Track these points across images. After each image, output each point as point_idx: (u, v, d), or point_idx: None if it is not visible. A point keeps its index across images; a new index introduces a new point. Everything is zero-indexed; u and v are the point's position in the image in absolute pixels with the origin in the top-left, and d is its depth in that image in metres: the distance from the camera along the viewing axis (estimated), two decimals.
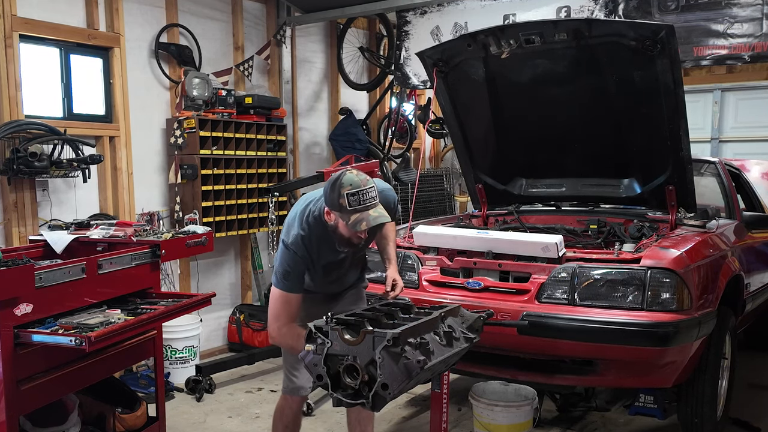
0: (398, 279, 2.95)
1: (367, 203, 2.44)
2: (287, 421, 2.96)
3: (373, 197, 2.47)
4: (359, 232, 2.48)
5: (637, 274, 2.99)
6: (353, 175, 2.47)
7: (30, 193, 4.09)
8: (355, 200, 2.43)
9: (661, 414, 3.40)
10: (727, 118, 7.45)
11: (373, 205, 2.47)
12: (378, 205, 2.49)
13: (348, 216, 2.45)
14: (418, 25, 5.45)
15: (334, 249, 2.68)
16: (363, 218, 2.44)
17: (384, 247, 3.02)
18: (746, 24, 4.13)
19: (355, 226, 2.44)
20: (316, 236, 2.62)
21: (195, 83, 4.86)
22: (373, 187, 2.48)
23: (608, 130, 3.81)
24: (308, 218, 2.63)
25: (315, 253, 2.65)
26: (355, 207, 2.43)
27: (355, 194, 2.43)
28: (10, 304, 2.45)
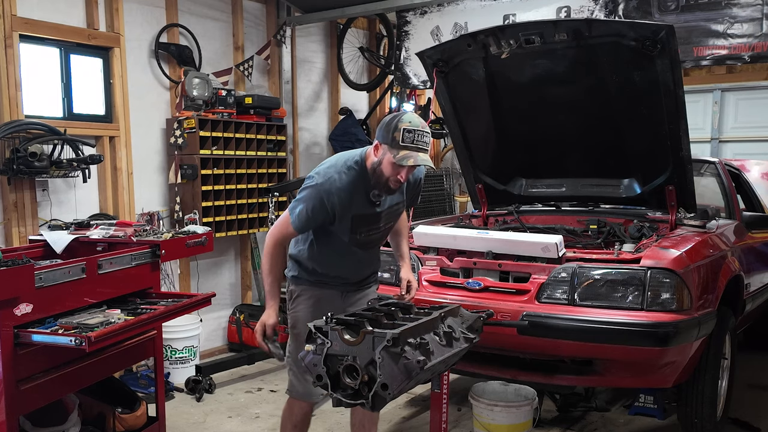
0: (413, 280, 2.98)
1: (419, 144, 2.49)
2: (296, 420, 2.88)
3: (426, 142, 2.51)
4: (401, 172, 2.51)
5: (637, 274, 2.99)
6: (414, 116, 2.55)
7: (30, 193, 4.09)
8: (410, 137, 2.47)
9: (661, 414, 3.40)
10: (727, 118, 7.44)
11: (424, 149, 2.50)
12: (428, 151, 2.52)
13: (398, 150, 2.48)
14: (418, 25, 5.45)
15: (368, 201, 2.65)
16: (411, 156, 2.47)
17: (398, 244, 3.06)
18: (746, 24, 4.13)
19: (402, 160, 2.46)
20: (352, 183, 2.60)
21: (195, 83, 4.86)
22: (429, 134, 2.53)
23: (608, 130, 3.81)
24: (353, 164, 2.63)
25: (349, 198, 2.59)
26: (407, 144, 2.47)
27: (412, 131, 2.48)
28: (10, 304, 2.44)
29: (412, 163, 2.48)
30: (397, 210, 2.84)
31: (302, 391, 2.84)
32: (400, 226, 3.03)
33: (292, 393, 2.88)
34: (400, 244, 3.06)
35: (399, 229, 3.03)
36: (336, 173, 2.60)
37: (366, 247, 2.81)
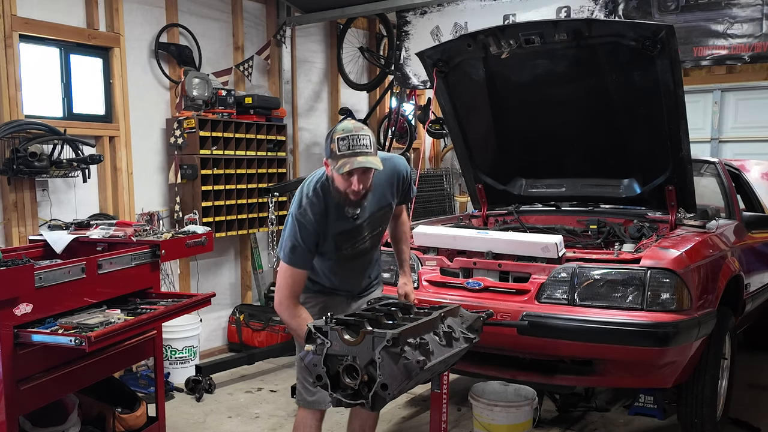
0: (410, 293, 2.94)
1: (356, 149, 2.38)
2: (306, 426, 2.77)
3: (364, 144, 2.39)
4: (351, 180, 2.41)
5: (637, 274, 2.99)
6: (348, 122, 2.46)
7: (30, 193, 4.09)
8: (345, 145, 2.38)
9: (660, 414, 3.40)
10: (727, 118, 7.44)
11: (364, 152, 2.38)
12: (370, 153, 2.39)
13: (336, 161, 2.39)
14: (418, 26, 5.45)
15: (344, 217, 2.58)
16: (348, 161, 2.37)
17: (398, 251, 3.01)
18: (746, 24, 4.13)
19: (341, 168, 2.37)
20: (325, 203, 2.55)
21: (195, 83, 4.86)
22: (366, 135, 2.41)
23: (608, 130, 3.81)
24: (317, 185, 2.57)
25: (324, 220, 2.54)
26: (344, 152, 2.38)
27: (345, 138, 2.38)
28: (10, 303, 2.45)
29: (349, 168, 2.37)
30: (383, 215, 2.73)
31: (311, 399, 2.75)
32: (401, 232, 2.97)
33: (300, 402, 2.79)
34: (401, 251, 3.00)
35: (399, 234, 2.97)
36: (306, 199, 2.55)
37: (357, 257, 2.77)
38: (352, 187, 2.44)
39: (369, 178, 2.48)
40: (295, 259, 2.54)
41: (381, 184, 2.65)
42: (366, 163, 2.38)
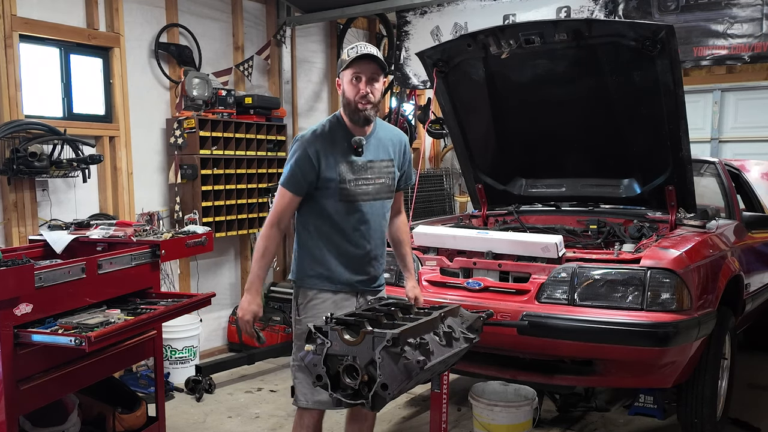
0: (419, 296, 2.90)
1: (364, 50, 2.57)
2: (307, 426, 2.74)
3: (371, 51, 2.57)
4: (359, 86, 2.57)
5: (637, 274, 2.99)
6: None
7: (30, 193, 4.09)
8: (353, 51, 2.58)
9: (660, 414, 3.40)
10: (727, 118, 7.44)
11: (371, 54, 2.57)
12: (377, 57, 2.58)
13: (343, 65, 2.59)
14: (418, 26, 5.45)
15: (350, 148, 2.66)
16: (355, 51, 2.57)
17: (401, 255, 2.98)
18: (746, 24, 4.13)
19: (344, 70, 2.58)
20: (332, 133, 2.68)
21: (195, 83, 4.86)
22: (376, 48, 2.60)
23: (608, 130, 3.81)
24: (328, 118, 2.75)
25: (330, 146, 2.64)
26: (352, 55, 2.57)
27: (354, 47, 2.59)
28: (10, 304, 2.44)
29: (356, 59, 2.55)
30: (386, 169, 2.75)
31: (310, 398, 2.72)
32: (402, 233, 2.96)
33: (299, 402, 2.76)
34: (404, 255, 2.97)
35: (401, 237, 2.96)
36: (318, 125, 2.72)
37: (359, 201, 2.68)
38: (361, 92, 2.58)
39: (377, 90, 2.63)
40: (287, 180, 2.68)
41: (387, 139, 2.79)
42: (368, 50, 2.56)
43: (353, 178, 2.66)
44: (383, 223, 2.82)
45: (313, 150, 2.62)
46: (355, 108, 2.61)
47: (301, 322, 2.74)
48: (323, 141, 2.64)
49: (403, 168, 2.86)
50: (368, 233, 2.74)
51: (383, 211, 2.80)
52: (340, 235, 2.70)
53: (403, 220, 2.99)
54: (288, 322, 5.23)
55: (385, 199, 2.79)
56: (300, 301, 2.77)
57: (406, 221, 3.02)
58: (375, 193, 2.73)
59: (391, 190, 2.81)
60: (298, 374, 2.74)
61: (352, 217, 2.69)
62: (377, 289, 2.86)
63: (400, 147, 2.84)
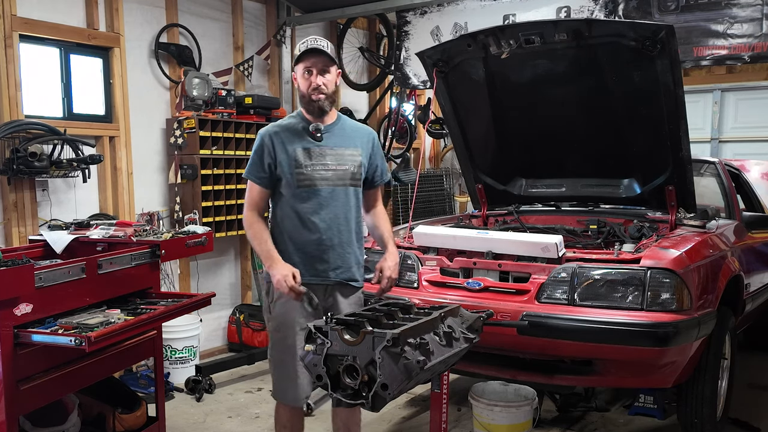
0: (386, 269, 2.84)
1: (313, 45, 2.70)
2: (284, 422, 2.91)
3: (321, 44, 2.70)
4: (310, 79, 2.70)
5: (637, 274, 2.99)
6: None
7: (30, 193, 4.09)
8: (303, 45, 2.72)
9: (660, 414, 3.40)
10: (727, 118, 7.45)
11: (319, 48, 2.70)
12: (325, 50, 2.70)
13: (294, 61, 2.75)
14: (418, 26, 5.45)
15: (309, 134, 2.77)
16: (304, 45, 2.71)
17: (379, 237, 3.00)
18: (746, 24, 4.13)
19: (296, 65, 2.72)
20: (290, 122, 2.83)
21: (195, 83, 4.86)
22: (325, 41, 2.74)
23: (608, 130, 3.81)
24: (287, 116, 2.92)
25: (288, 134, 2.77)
26: (301, 50, 2.72)
27: (305, 41, 2.73)
28: (10, 304, 2.44)
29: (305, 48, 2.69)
30: (351, 157, 2.81)
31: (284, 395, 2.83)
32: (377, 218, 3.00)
33: (276, 396, 2.88)
34: (381, 234, 2.98)
35: (376, 222, 3.00)
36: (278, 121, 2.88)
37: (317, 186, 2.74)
38: (312, 84, 2.71)
39: (329, 81, 2.74)
40: (250, 170, 2.79)
41: (354, 132, 2.89)
42: (316, 44, 2.70)
43: (310, 163, 2.76)
44: (348, 213, 2.82)
45: (268, 139, 2.77)
46: (309, 99, 2.75)
47: (273, 320, 2.82)
48: (282, 131, 2.79)
49: (375, 162, 2.92)
50: (328, 219, 2.76)
51: (348, 199, 2.81)
52: (299, 221, 2.76)
53: (380, 210, 3.04)
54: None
55: (349, 186, 2.81)
56: (270, 299, 2.82)
57: (383, 211, 3.07)
58: (336, 179, 2.78)
59: (357, 179, 2.83)
60: (272, 369, 2.86)
61: (310, 202, 2.76)
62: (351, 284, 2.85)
63: (368, 139, 2.91)
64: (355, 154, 2.83)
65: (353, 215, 2.84)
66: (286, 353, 2.77)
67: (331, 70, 2.74)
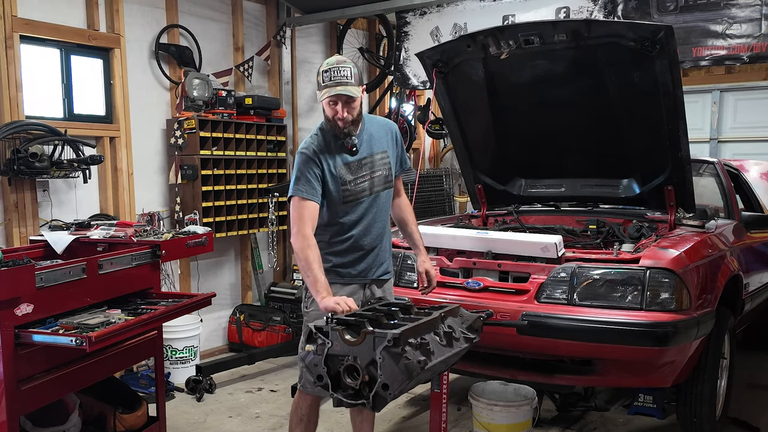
0: (431, 270, 3.01)
1: (337, 79, 2.66)
2: (302, 414, 2.94)
3: (344, 75, 2.67)
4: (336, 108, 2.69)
5: (636, 274, 3.00)
6: (334, 57, 2.77)
7: (30, 193, 4.10)
8: (327, 76, 2.68)
9: (660, 414, 3.41)
10: (726, 118, 7.45)
11: (343, 83, 2.67)
12: (350, 84, 2.67)
13: (321, 91, 2.71)
14: (417, 26, 5.45)
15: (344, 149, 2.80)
16: (330, 90, 2.67)
17: (409, 233, 3.10)
18: (745, 24, 4.13)
19: (324, 96, 2.69)
20: (325, 138, 2.81)
21: (195, 84, 4.87)
22: (347, 67, 2.69)
23: (607, 130, 3.81)
24: (320, 126, 2.87)
25: (326, 151, 2.78)
26: (327, 83, 2.68)
27: (328, 71, 2.68)
28: (11, 304, 2.45)
29: (328, 95, 2.66)
30: (382, 161, 2.89)
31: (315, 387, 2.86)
32: (406, 214, 3.09)
33: (306, 388, 2.90)
34: (412, 233, 3.09)
35: (405, 217, 3.09)
36: (309, 138, 2.85)
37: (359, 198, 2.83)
38: (338, 114, 2.71)
39: (354, 108, 2.73)
40: (299, 189, 2.74)
41: (378, 131, 2.91)
42: (343, 91, 2.67)
43: (352, 179, 2.81)
44: (386, 213, 2.95)
45: (314, 154, 2.77)
46: (335, 124, 2.77)
47: (309, 314, 2.89)
48: (320, 147, 2.80)
49: (397, 153, 2.99)
50: (371, 227, 2.88)
51: (385, 202, 2.93)
52: (341, 232, 2.84)
53: (404, 201, 3.11)
54: (288, 322, 5.24)
55: (384, 190, 2.92)
56: (308, 294, 2.86)
57: (407, 202, 3.13)
58: (373, 188, 2.87)
59: (389, 180, 2.93)
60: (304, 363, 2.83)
61: (353, 214, 2.84)
62: (384, 278, 2.99)
63: (391, 135, 2.97)
64: (384, 156, 2.91)
65: (387, 213, 2.97)
66: None
67: (357, 98, 2.73)
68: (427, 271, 3.01)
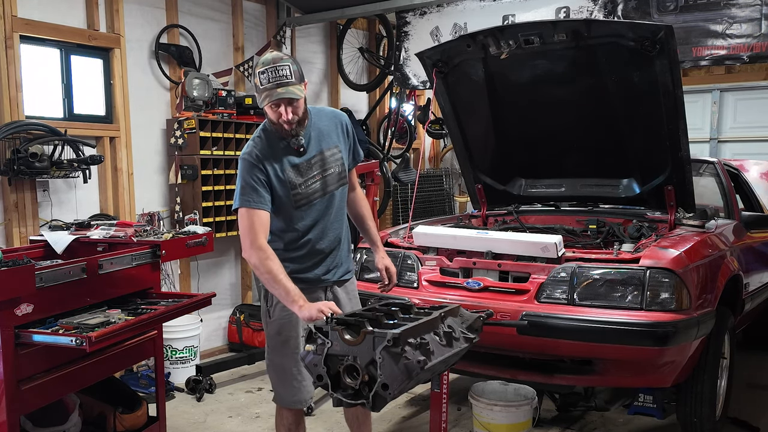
0: (390, 265, 2.89)
1: (276, 80, 2.46)
2: (288, 424, 2.86)
3: (284, 75, 2.46)
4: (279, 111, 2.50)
5: (636, 274, 3.00)
6: (269, 54, 2.54)
7: (31, 193, 4.10)
8: (265, 78, 2.48)
9: (660, 414, 3.41)
10: (726, 118, 7.46)
11: (284, 83, 2.46)
12: (291, 83, 2.47)
13: (260, 95, 2.51)
14: (417, 26, 5.45)
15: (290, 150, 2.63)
16: (269, 94, 2.47)
17: (365, 229, 2.96)
18: (745, 24, 4.14)
19: (263, 102, 2.50)
20: (269, 141, 2.64)
21: (195, 84, 4.87)
22: (286, 65, 2.48)
23: (607, 130, 3.81)
24: (262, 127, 2.69)
25: (271, 155, 2.61)
26: (265, 85, 2.48)
27: (265, 72, 2.48)
28: (11, 304, 2.45)
29: (269, 101, 2.47)
30: (333, 157, 2.72)
31: (288, 399, 2.79)
32: (361, 208, 2.95)
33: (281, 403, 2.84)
34: (368, 229, 2.95)
35: (361, 212, 2.95)
36: (251, 141, 2.67)
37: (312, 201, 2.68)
38: (282, 117, 2.52)
39: (299, 107, 2.54)
40: (246, 199, 2.57)
41: (326, 126, 2.73)
42: (285, 94, 2.47)
43: (302, 181, 2.66)
44: (342, 213, 2.83)
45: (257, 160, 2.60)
46: (281, 128, 2.59)
47: (273, 324, 2.76)
48: (263, 152, 2.61)
49: (349, 145, 2.83)
50: (328, 229, 2.75)
51: (340, 201, 2.80)
52: (300, 237, 2.71)
53: (359, 195, 2.97)
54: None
55: (338, 188, 2.78)
56: (269, 303, 2.75)
57: (363, 195, 3.00)
58: (326, 187, 2.72)
59: (343, 176, 2.79)
60: (272, 374, 2.81)
61: (307, 218, 2.70)
62: (345, 279, 2.87)
63: (341, 128, 2.79)
64: (336, 152, 2.75)
65: (343, 211, 2.85)
66: (287, 356, 2.73)
67: (300, 98, 2.53)
68: (387, 267, 2.88)
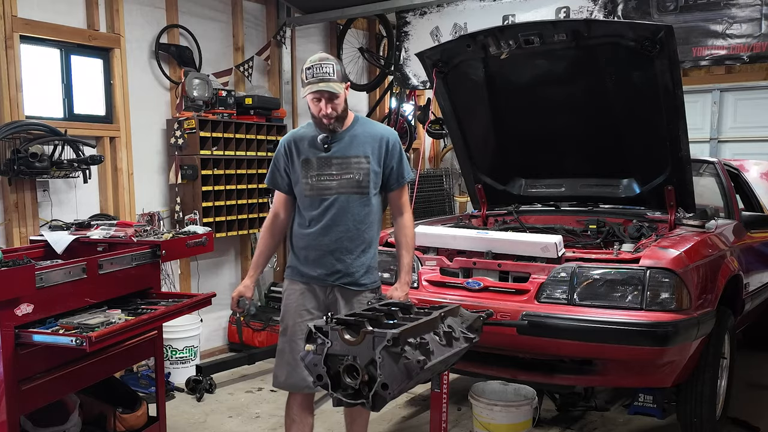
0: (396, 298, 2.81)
1: (319, 76, 2.71)
2: (293, 415, 2.93)
3: (327, 72, 2.71)
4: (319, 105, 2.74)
5: (636, 273, 3.00)
6: (316, 55, 2.83)
7: (31, 193, 4.10)
8: (310, 73, 2.73)
9: (660, 414, 3.41)
10: (726, 118, 7.46)
11: (325, 79, 2.71)
12: (332, 80, 2.71)
13: (304, 87, 2.75)
14: (417, 26, 5.46)
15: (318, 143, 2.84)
16: (312, 87, 2.72)
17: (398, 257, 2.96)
18: (745, 24, 4.14)
19: (306, 93, 2.74)
20: (304, 130, 2.93)
21: (195, 84, 4.87)
22: (330, 64, 2.73)
23: (607, 130, 3.82)
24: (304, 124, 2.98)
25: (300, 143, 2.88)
26: (310, 80, 2.73)
27: (311, 68, 2.74)
28: (11, 304, 2.45)
29: (311, 91, 2.71)
30: (357, 164, 2.81)
31: (280, 379, 2.92)
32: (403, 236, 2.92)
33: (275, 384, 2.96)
34: (400, 257, 2.95)
35: (400, 239, 2.93)
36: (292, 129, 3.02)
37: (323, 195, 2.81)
38: (322, 111, 2.75)
39: (338, 104, 2.76)
40: (268, 176, 3.01)
41: (365, 136, 2.86)
42: (325, 88, 2.70)
43: (315, 173, 2.84)
44: (353, 220, 2.83)
45: (286, 145, 2.92)
46: (319, 122, 2.81)
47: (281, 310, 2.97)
48: (297, 139, 2.90)
49: (390, 165, 2.87)
50: (331, 229, 2.82)
51: (354, 208, 2.82)
52: (305, 228, 2.89)
53: (403, 222, 2.95)
54: None
55: (353, 194, 2.82)
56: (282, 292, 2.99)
57: (408, 223, 2.95)
58: (339, 188, 2.82)
59: (363, 187, 2.82)
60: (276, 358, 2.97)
61: (314, 211, 2.85)
62: (351, 289, 2.86)
63: (380, 144, 2.85)
64: (362, 161, 2.81)
65: (361, 223, 2.84)
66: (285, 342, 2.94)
67: (340, 95, 2.75)
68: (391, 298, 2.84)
